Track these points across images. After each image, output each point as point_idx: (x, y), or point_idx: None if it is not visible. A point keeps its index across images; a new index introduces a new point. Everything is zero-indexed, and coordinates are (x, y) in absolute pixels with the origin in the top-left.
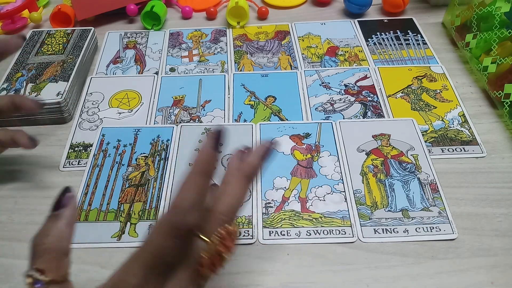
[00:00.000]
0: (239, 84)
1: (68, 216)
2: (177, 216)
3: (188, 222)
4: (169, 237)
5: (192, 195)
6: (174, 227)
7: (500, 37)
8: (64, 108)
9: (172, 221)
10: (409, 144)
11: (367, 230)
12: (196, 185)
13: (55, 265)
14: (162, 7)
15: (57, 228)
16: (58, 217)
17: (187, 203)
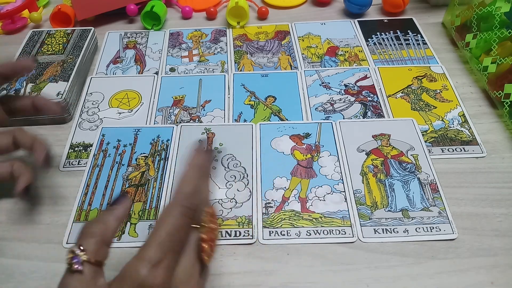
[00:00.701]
0: (239, 84)
1: (119, 212)
2: (186, 198)
3: (195, 203)
4: (181, 216)
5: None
6: (185, 207)
7: (500, 37)
8: (64, 108)
9: (183, 202)
10: (409, 144)
11: (367, 230)
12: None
13: (96, 249)
14: (162, 7)
15: (107, 219)
16: (110, 211)
17: (196, 188)
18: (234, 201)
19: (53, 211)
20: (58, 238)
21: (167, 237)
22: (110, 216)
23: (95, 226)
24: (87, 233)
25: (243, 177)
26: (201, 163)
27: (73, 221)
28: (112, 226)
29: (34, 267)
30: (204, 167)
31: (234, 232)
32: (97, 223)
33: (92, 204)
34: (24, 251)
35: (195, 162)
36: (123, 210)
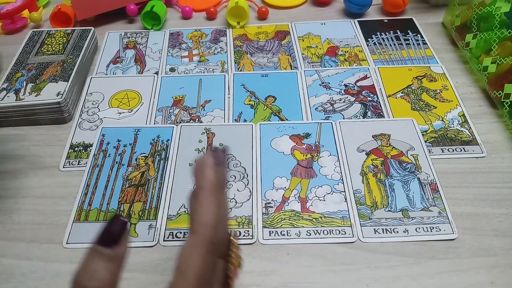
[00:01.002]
0: (239, 84)
1: (121, 256)
2: (209, 232)
3: (220, 235)
4: (207, 255)
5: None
6: (210, 243)
7: (500, 37)
8: (64, 108)
9: (207, 237)
10: (409, 144)
11: (367, 230)
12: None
13: None
14: (162, 7)
15: (107, 270)
16: (108, 258)
17: (214, 216)
18: (234, 201)
19: (53, 211)
20: (58, 238)
21: (195, 282)
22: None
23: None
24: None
25: (243, 177)
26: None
27: (73, 221)
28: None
29: (34, 267)
30: (222, 183)
31: (234, 232)
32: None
33: (92, 204)
34: (24, 251)
35: (211, 181)
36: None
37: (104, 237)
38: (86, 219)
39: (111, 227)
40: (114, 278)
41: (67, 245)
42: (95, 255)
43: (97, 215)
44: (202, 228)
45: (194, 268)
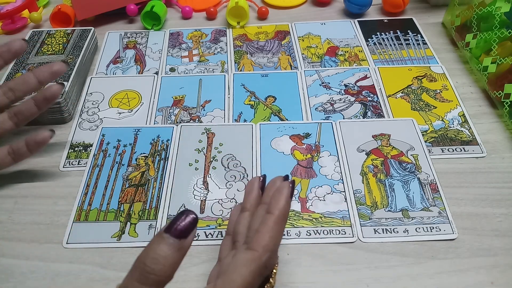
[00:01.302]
0: (239, 84)
1: (186, 248)
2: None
3: (271, 262)
4: (257, 274)
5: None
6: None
7: (500, 37)
8: (64, 108)
9: (262, 260)
10: (409, 144)
11: (367, 230)
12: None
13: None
14: (162, 7)
15: (173, 259)
16: (176, 247)
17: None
18: (234, 201)
19: (53, 211)
20: (58, 238)
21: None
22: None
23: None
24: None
25: (243, 177)
26: (287, 212)
27: (73, 221)
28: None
29: (34, 267)
30: (287, 216)
31: None
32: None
33: (92, 204)
34: (24, 251)
35: (285, 212)
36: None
37: (174, 228)
38: (86, 219)
39: (182, 221)
40: (176, 266)
41: (67, 245)
42: (163, 242)
43: (97, 215)
44: (262, 250)
45: (243, 280)
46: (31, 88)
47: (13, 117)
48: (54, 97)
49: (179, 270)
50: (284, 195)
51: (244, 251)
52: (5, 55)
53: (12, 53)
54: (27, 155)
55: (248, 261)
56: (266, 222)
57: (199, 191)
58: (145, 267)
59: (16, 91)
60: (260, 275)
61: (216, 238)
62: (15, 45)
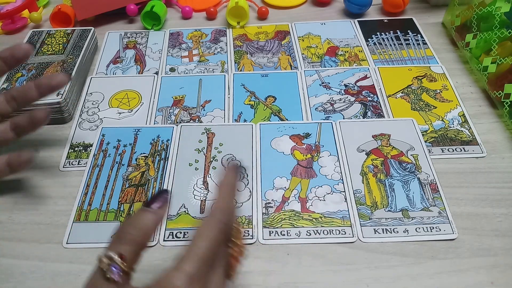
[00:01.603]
0: (239, 84)
1: (158, 214)
2: (224, 215)
3: (231, 219)
4: (219, 232)
5: (231, 200)
6: (223, 223)
7: (500, 37)
8: (64, 108)
9: (221, 218)
10: (409, 144)
11: (367, 230)
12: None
13: (133, 258)
14: (162, 7)
15: (145, 222)
16: (148, 213)
17: (231, 205)
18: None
19: (53, 211)
20: (58, 238)
21: (206, 251)
22: (148, 218)
23: (133, 230)
24: (125, 239)
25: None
26: (233, 182)
27: (73, 221)
28: (150, 230)
29: (34, 267)
30: (234, 185)
31: None
32: (135, 227)
33: (92, 204)
34: (24, 251)
35: (228, 181)
36: (161, 212)
37: (149, 201)
38: (86, 219)
39: (157, 195)
40: (152, 229)
41: (67, 245)
42: (141, 211)
43: (97, 215)
44: (219, 212)
45: (207, 239)
46: (32, 100)
47: (14, 128)
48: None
49: None
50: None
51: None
52: (9, 60)
53: (16, 59)
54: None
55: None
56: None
57: (199, 191)
58: (123, 228)
59: (18, 102)
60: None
61: None
62: (20, 51)
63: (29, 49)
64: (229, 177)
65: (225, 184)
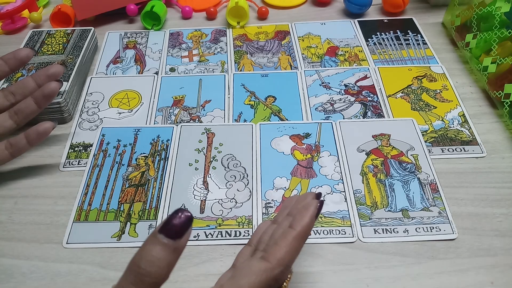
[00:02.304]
0: (239, 84)
1: (181, 248)
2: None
3: (282, 278)
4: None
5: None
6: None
7: (500, 37)
8: (64, 108)
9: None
10: (409, 144)
11: (367, 230)
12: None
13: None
14: (162, 7)
15: (168, 260)
16: (171, 248)
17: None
18: (234, 201)
19: (53, 211)
20: (58, 238)
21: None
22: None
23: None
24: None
25: (243, 177)
26: (309, 230)
27: (73, 221)
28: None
29: (34, 267)
30: (308, 235)
31: (234, 232)
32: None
33: (92, 204)
34: (24, 251)
35: (307, 229)
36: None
37: (168, 228)
38: (86, 219)
39: (177, 220)
40: (171, 267)
41: (67, 245)
42: (157, 243)
43: (97, 215)
44: (276, 263)
45: (249, 285)
46: (30, 91)
47: (13, 116)
48: (52, 93)
49: (179, 270)
50: (309, 212)
51: (258, 260)
52: (11, 62)
53: (17, 60)
54: (26, 148)
55: (260, 270)
56: (286, 236)
57: (199, 191)
58: (139, 269)
59: (16, 94)
60: (268, 286)
61: (216, 238)
62: (21, 53)
63: (30, 52)
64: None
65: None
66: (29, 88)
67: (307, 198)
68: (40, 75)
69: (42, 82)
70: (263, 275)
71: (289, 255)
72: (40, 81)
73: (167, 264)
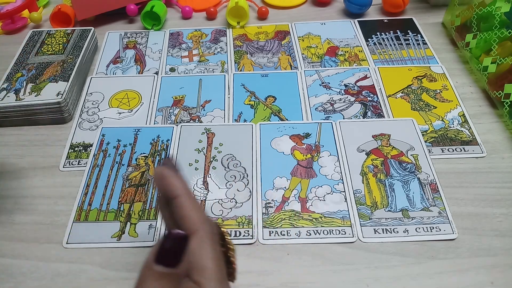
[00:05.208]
0: (239, 84)
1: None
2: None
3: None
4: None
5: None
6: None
7: (500, 37)
8: (64, 108)
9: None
10: (409, 144)
11: (367, 230)
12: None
13: None
14: (162, 7)
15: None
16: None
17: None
18: (234, 201)
19: (53, 211)
20: (58, 238)
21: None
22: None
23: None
24: None
25: (243, 177)
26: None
27: (73, 221)
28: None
29: (34, 267)
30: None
31: (234, 232)
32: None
33: (92, 204)
34: (24, 251)
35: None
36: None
37: (165, 256)
38: (86, 219)
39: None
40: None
41: (67, 245)
42: (157, 276)
43: (97, 215)
44: (200, 225)
45: (212, 259)
46: None
47: None
48: None
49: None
50: (167, 175)
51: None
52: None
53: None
54: None
55: (200, 241)
56: (180, 205)
57: (199, 191)
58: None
59: None
60: (217, 243)
61: None
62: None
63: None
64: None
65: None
66: None
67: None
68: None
69: None
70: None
71: (198, 212)
72: None
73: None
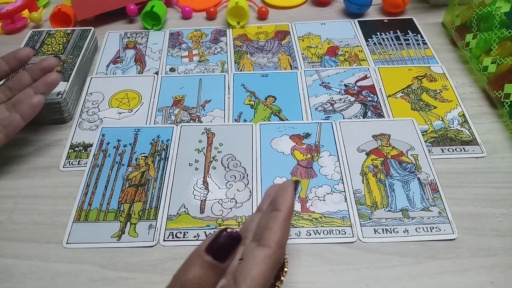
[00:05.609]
0: (239, 84)
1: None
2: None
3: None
4: (272, 269)
5: (287, 235)
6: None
7: (500, 37)
8: (64, 108)
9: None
10: (409, 144)
11: (367, 230)
12: (288, 228)
13: None
14: (162, 7)
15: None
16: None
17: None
18: (234, 201)
19: (53, 211)
20: (58, 238)
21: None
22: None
23: None
24: None
25: (243, 177)
26: (292, 211)
27: (73, 221)
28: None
29: (34, 267)
30: (292, 212)
31: None
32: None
33: (92, 204)
34: (24, 251)
35: (290, 207)
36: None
37: (216, 248)
38: (86, 219)
39: (225, 241)
40: (213, 285)
41: (67, 245)
42: (203, 264)
43: (97, 215)
44: (276, 247)
45: (263, 276)
46: (26, 85)
47: (11, 108)
48: (53, 83)
49: None
50: (289, 192)
51: (259, 248)
52: (11, 61)
53: (17, 60)
54: (20, 125)
55: (265, 257)
56: (276, 218)
57: (199, 191)
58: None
59: (13, 89)
60: (275, 269)
61: None
62: (21, 53)
63: (31, 51)
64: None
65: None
66: (25, 82)
67: (284, 183)
68: (34, 69)
69: (37, 76)
70: (269, 261)
71: (283, 236)
72: (35, 75)
73: (212, 283)
